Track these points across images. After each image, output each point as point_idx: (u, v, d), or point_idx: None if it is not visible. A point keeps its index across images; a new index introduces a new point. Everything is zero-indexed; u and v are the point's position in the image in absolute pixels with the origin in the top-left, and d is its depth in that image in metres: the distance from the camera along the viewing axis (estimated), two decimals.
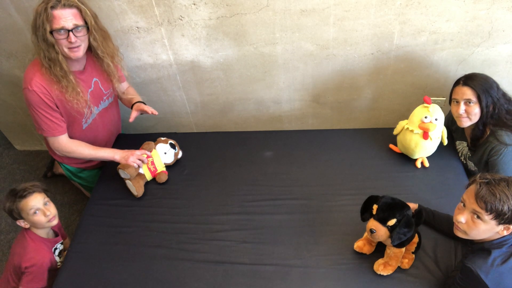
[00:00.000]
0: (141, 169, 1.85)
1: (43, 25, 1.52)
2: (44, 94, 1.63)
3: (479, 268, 1.20)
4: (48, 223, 1.61)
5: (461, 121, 1.71)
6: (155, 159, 1.88)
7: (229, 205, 1.77)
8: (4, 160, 2.89)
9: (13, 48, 2.12)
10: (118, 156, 1.82)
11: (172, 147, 1.94)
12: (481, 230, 1.22)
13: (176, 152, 1.95)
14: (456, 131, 1.92)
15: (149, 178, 1.88)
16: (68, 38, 1.57)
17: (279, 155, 1.96)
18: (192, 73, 2.17)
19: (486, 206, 1.17)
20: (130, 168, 1.77)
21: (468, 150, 1.84)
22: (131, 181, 1.79)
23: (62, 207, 2.53)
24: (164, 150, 1.92)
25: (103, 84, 1.86)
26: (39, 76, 1.63)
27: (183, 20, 1.90)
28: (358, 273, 1.47)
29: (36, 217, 1.57)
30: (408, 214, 1.34)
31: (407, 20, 1.82)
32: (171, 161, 1.94)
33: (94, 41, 1.68)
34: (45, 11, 1.50)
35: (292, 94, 2.24)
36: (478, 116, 1.67)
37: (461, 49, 1.92)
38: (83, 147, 1.81)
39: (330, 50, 1.98)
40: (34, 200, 1.57)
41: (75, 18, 1.57)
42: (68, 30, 1.55)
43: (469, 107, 1.66)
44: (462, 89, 1.66)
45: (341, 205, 1.70)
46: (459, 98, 1.67)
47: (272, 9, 1.82)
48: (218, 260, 1.57)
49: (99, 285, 1.54)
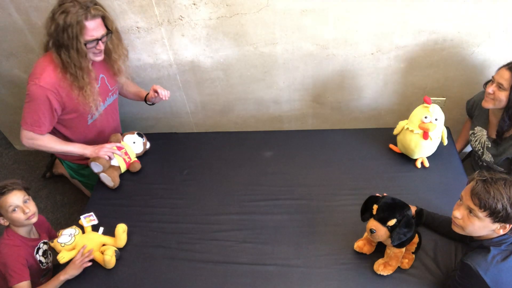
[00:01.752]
0: (116, 162, 1.86)
1: (77, 37, 1.53)
2: (51, 92, 1.63)
3: (478, 265, 1.21)
4: (27, 220, 1.58)
5: (485, 101, 1.71)
6: (127, 150, 1.90)
7: (229, 205, 1.77)
8: (4, 160, 2.89)
9: (13, 48, 2.12)
10: (89, 151, 1.82)
11: (140, 136, 1.97)
12: (476, 227, 1.24)
13: (144, 142, 1.98)
14: (478, 117, 1.89)
15: (124, 169, 1.90)
16: (98, 46, 1.60)
17: (279, 155, 1.96)
18: (192, 73, 2.17)
19: (480, 203, 1.19)
20: (101, 160, 1.78)
21: (487, 139, 1.82)
22: (105, 172, 1.80)
23: (62, 207, 2.53)
24: (132, 140, 1.95)
25: (109, 80, 1.87)
26: (51, 73, 1.62)
27: (183, 20, 1.90)
28: (358, 273, 1.47)
29: (14, 214, 1.55)
30: (408, 214, 1.34)
31: (407, 20, 1.82)
32: (140, 151, 1.97)
33: (111, 43, 1.71)
34: (78, 23, 1.51)
35: (292, 94, 2.24)
36: (502, 104, 1.65)
37: (461, 49, 1.92)
38: (53, 141, 1.79)
39: (330, 50, 1.98)
40: (13, 197, 1.54)
41: (102, 26, 1.60)
42: (98, 39, 1.59)
43: (498, 91, 1.64)
44: (503, 71, 1.64)
45: (341, 205, 1.70)
46: (496, 79, 1.66)
47: (272, 9, 1.82)
48: (218, 260, 1.57)
49: (98, 285, 1.54)
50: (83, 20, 1.51)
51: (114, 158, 1.86)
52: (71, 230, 1.62)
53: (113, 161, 1.86)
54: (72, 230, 1.62)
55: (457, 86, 2.09)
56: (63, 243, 1.57)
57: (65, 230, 1.63)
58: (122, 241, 1.63)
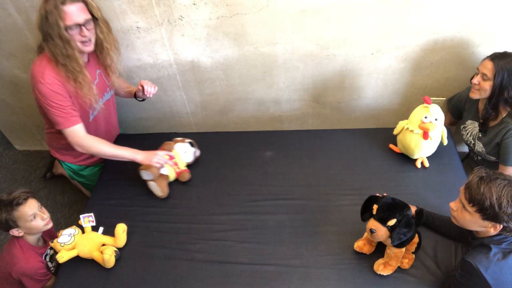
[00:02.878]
0: (165, 170, 1.81)
1: (57, 22, 1.51)
2: (57, 85, 1.62)
3: (479, 263, 1.22)
4: (45, 226, 1.61)
5: (472, 92, 1.77)
6: (177, 159, 1.87)
7: (229, 205, 1.77)
8: (4, 160, 2.89)
9: (13, 48, 2.12)
10: (140, 157, 1.76)
11: (191, 145, 1.94)
12: (466, 220, 1.27)
13: (195, 151, 1.95)
14: (468, 110, 1.94)
15: (173, 178, 1.86)
16: (82, 33, 1.57)
17: (279, 155, 1.97)
18: (192, 73, 2.17)
19: (469, 198, 1.22)
20: (153, 169, 1.74)
21: (478, 131, 1.86)
22: (155, 182, 1.76)
23: (62, 207, 2.53)
24: (183, 149, 1.91)
25: (106, 76, 1.86)
26: (51, 69, 1.62)
27: (183, 20, 1.90)
28: (358, 273, 1.47)
29: (34, 223, 1.56)
30: (408, 214, 1.34)
31: (407, 20, 1.82)
32: (191, 160, 1.94)
33: (101, 33, 1.67)
34: (56, 8, 1.49)
35: (292, 94, 2.24)
36: (487, 93, 1.70)
37: (461, 49, 1.92)
38: (104, 144, 1.77)
39: (330, 50, 1.98)
40: (30, 206, 1.56)
41: (84, 12, 1.57)
42: (80, 24, 1.56)
43: (482, 81, 1.69)
44: (486, 62, 1.68)
45: (341, 205, 1.70)
46: (479, 69, 1.71)
47: (272, 9, 1.82)
48: (218, 260, 1.57)
49: (98, 285, 1.54)
50: (60, 5, 1.49)
51: (165, 167, 1.81)
52: (71, 230, 1.63)
53: (162, 170, 1.80)
54: (71, 230, 1.62)
55: (457, 86, 2.09)
56: (63, 243, 1.57)
57: (65, 230, 1.63)
58: (122, 241, 1.63)
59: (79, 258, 1.60)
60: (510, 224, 1.18)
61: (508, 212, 1.16)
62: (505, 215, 1.17)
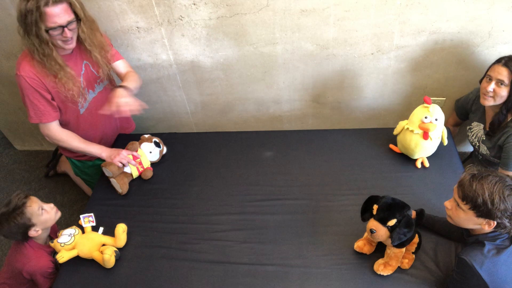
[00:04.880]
0: (128, 169, 1.86)
1: (37, 23, 1.49)
2: (32, 79, 1.62)
3: (474, 259, 1.22)
4: (57, 214, 1.65)
5: (485, 99, 1.73)
6: (142, 159, 1.90)
7: (229, 205, 1.77)
8: (4, 160, 2.90)
9: (13, 48, 2.12)
10: (105, 154, 1.83)
11: (157, 145, 1.96)
12: (461, 219, 1.28)
13: (161, 150, 1.97)
14: (475, 112, 1.93)
15: (136, 176, 1.90)
16: (64, 34, 1.55)
17: (279, 155, 1.96)
18: (192, 73, 2.17)
19: (462, 195, 1.23)
20: (112, 166, 1.79)
21: (483, 134, 1.86)
22: (115, 179, 1.81)
23: (62, 207, 2.53)
24: (149, 149, 1.93)
25: (94, 67, 1.82)
26: (28, 62, 1.61)
27: (183, 20, 1.90)
28: (358, 273, 1.47)
29: (45, 214, 1.60)
30: (408, 214, 1.34)
31: (407, 20, 1.82)
32: (156, 159, 1.97)
33: (82, 33, 1.65)
34: (37, 9, 1.46)
35: (292, 94, 2.24)
36: (503, 99, 1.69)
37: (461, 49, 1.92)
38: (74, 139, 1.80)
39: (330, 50, 1.98)
40: (33, 201, 1.58)
41: (67, 13, 1.53)
42: (63, 26, 1.53)
43: (498, 88, 1.67)
44: (500, 68, 1.66)
45: (341, 205, 1.70)
46: (493, 76, 1.68)
47: (272, 9, 1.82)
48: (218, 260, 1.57)
49: (98, 285, 1.54)
50: (42, 6, 1.46)
51: (128, 165, 1.85)
52: (71, 230, 1.63)
53: (126, 168, 1.86)
54: (71, 230, 1.62)
55: (457, 86, 2.09)
56: (63, 243, 1.57)
57: (65, 230, 1.63)
58: (122, 241, 1.63)
59: (79, 258, 1.60)
60: (504, 221, 1.19)
61: (501, 208, 1.17)
62: (498, 211, 1.17)
